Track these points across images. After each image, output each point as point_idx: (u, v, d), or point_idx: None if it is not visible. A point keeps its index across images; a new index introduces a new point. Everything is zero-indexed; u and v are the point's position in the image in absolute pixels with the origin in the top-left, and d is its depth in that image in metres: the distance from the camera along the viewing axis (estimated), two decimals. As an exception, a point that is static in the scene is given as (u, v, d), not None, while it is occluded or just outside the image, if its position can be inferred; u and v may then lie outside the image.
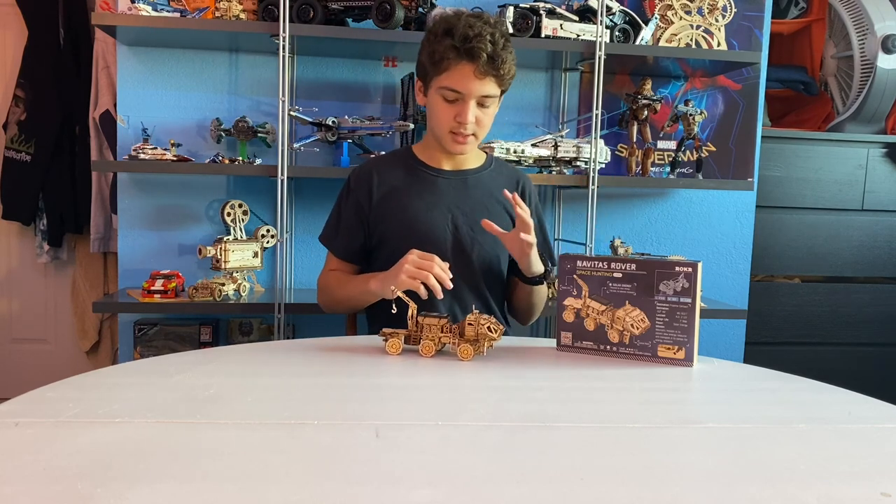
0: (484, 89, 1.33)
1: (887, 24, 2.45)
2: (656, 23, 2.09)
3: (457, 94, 1.33)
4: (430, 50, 1.33)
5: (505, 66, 1.32)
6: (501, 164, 1.59)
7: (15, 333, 2.89)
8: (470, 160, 1.50)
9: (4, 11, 2.73)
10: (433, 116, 1.40)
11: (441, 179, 1.47)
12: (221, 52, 2.08)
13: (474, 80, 1.31)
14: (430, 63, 1.34)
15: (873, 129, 2.56)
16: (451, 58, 1.30)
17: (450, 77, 1.32)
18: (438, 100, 1.36)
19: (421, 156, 1.49)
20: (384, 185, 1.46)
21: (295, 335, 2.13)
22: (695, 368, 1.06)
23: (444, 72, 1.32)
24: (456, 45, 1.29)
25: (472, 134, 1.38)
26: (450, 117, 1.36)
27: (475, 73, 1.31)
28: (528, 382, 0.97)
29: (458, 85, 1.32)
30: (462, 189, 1.47)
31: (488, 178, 1.50)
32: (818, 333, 2.58)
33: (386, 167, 1.49)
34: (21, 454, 0.65)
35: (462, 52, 1.29)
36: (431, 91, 1.37)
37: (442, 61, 1.31)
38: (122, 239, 2.09)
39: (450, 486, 0.61)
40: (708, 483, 0.63)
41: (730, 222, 2.37)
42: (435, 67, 1.33)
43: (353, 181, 1.48)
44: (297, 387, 0.91)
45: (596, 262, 1.12)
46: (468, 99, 1.33)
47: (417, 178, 1.47)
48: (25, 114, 2.64)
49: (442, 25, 1.33)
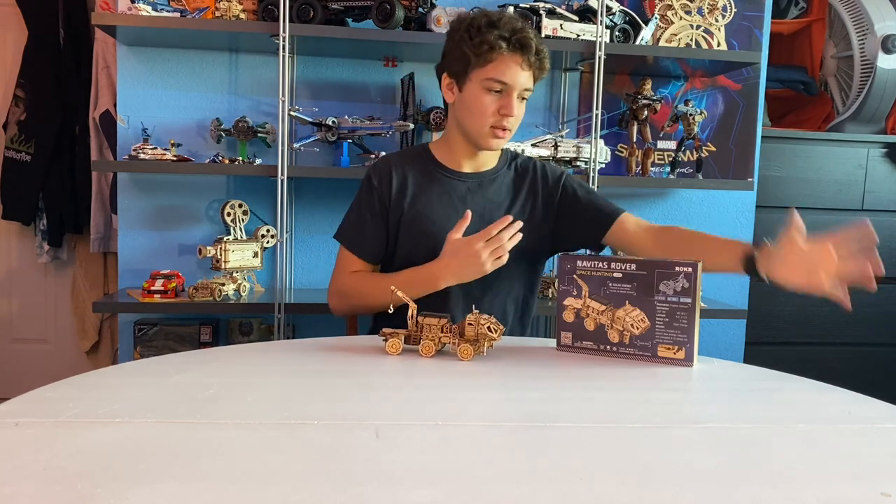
0: (528, 82, 1.34)
1: (887, 24, 2.45)
2: (656, 23, 2.09)
3: (503, 84, 1.32)
4: (478, 41, 1.31)
5: (546, 62, 1.36)
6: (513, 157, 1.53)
7: (15, 333, 2.89)
8: (488, 161, 1.47)
9: (4, 11, 2.73)
10: (472, 110, 1.36)
11: (460, 182, 1.44)
12: (221, 52, 2.08)
13: (521, 71, 1.32)
14: (475, 54, 1.32)
15: (873, 129, 2.56)
16: (501, 48, 1.30)
17: (497, 68, 1.31)
18: (481, 93, 1.34)
19: (440, 156, 1.46)
20: (402, 181, 1.43)
21: (295, 335, 2.13)
22: (695, 368, 1.06)
23: (491, 62, 1.31)
24: (506, 35, 1.30)
25: (510, 129, 1.38)
26: (493, 110, 1.34)
27: (522, 65, 1.31)
28: (528, 382, 0.97)
29: (505, 76, 1.31)
30: (481, 191, 1.45)
31: (506, 175, 1.48)
32: (818, 333, 2.58)
33: (404, 165, 1.45)
34: (21, 454, 0.65)
35: (513, 43, 1.30)
36: (472, 84, 1.35)
37: (492, 51, 1.30)
38: (122, 239, 2.10)
39: (450, 486, 0.60)
40: (708, 483, 0.63)
41: (730, 222, 2.37)
42: (481, 59, 1.32)
43: (374, 177, 1.44)
44: (297, 387, 0.91)
45: (596, 262, 1.12)
46: (513, 91, 1.33)
47: (435, 179, 1.44)
48: (25, 114, 2.64)
49: (483, 19, 1.33)
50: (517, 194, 1.47)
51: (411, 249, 1.41)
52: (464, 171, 1.46)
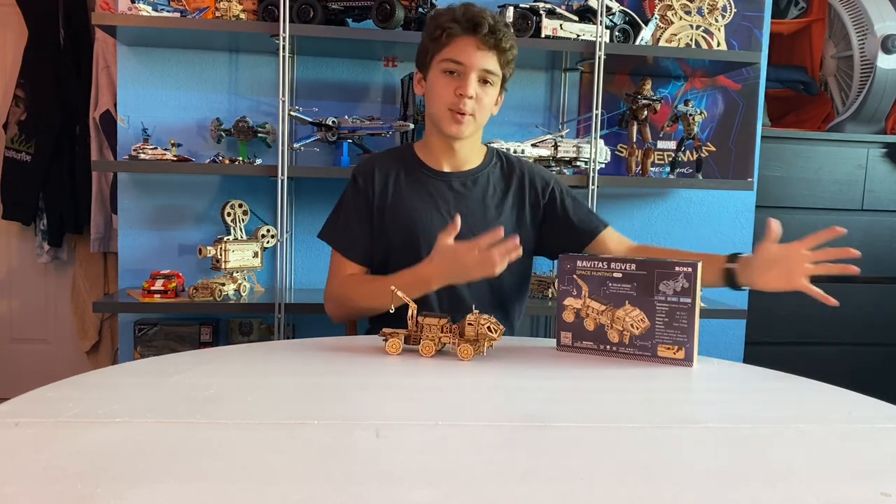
0: (486, 62, 1.33)
1: (887, 24, 2.45)
2: (656, 23, 2.09)
3: (458, 64, 1.32)
4: (431, 28, 1.34)
5: (507, 41, 1.33)
6: (503, 157, 1.52)
7: (15, 333, 2.89)
8: (470, 159, 1.46)
9: (4, 11, 2.73)
10: (433, 95, 1.37)
11: (441, 182, 1.44)
12: (221, 52, 2.08)
13: (476, 51, 1.31)
14: (430, 41, 1.35)
15: (873, 129, 2.56)
16: (453, 29, 1.31)
17: (451, 49, 1.32)
18: (438, 75, 1.35)
19: (422, 156, 1.47)
20: (385, 182, 1.43)
21: (295, 335, 2.13)
22: (695, 368, 1.06)
23: (445, 46, 1.33)
24: (457, 17, 1.31)
25: (472, 114, 1.35)
26: (450, 91, 1.33)
27: (477, 45, 1.31)
28: (528, 382, 0.97)
29: (459, 55, 1.32)
30: (463, 190, 1.44)
31: (490, 174, 1.47)
32: (818, 333, 2.58)
33: (387, 165, 1.46)
34: (21, 454, 0.65)
35: (464, 23, 1.31)
36: (432, 70, 1.36)
37: (443, 35, 1.32)
38: (122, 239, 2.10)
39: (450, 486, 0.60)
40: (708, 483, 0.63)
41: (730, 222, 2.37)
42: (436, 43, 1.34)
43: (359, 177, 1.45)
44: (297, 387, 0.91)
45: (596, 262, 1.12)
46: (469, 71, 1.32)
47: (417, 179, 1.44)
48: (25, 114, 2.64)
49: (442, 10, 1.36)
50: (503, 195, 1.46)
51: (394, 249, 1.41)
52: (444, 170, 1.45)
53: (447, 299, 1.38)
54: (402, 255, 1.37)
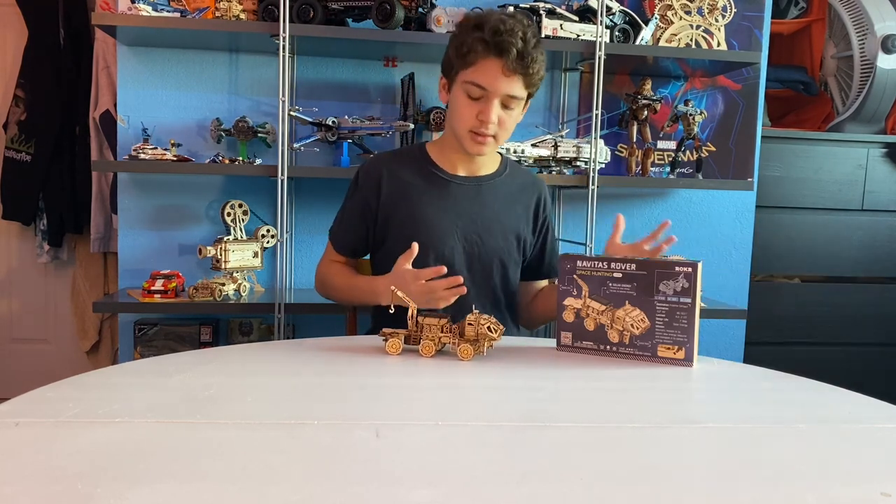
0: (510, 88, 1.28)
1: (887, 24, 2.45)
2: (656, 23, 2.09)
3: (482, 90, 1.28)
4: (459, 42, 1.29)
5: (535, 66, 1.28)
6: (516, 168, 1.53)
7: (15, 333, 2.89)
8: (485, 165, 1.46)
9: (4, 11, 2.73)
10: (455, 113, 1.35)
11: (454, 185, 1.43)
12: (221, 52, 2.08)
13: (501, 76, 1.27)
14: (456, 56, 1.30)
15: (873, 129, 2.56)
16: (479, 51, 1.26)
17: (476, 72, 1.28)
18: (462, 95, 1.31)
19: (435, 157, 1.45)
20: (394, 184, 1.42)
21: (295, 335, 2.13)
22: (695, 368, 1.06)
23: (471, 66, 1.28)
24: (485, 38, 1.25)
25: (493, 135, 1.33)
26: (472, 115, 1.31)
27: (503, 70, 1.26)
28: (528, 382, 0.97)
29: (483, 80, 1.27)
30: (475, 196, 1.43)
31: (502, 183, 1.47)
32: (818, 333, 2.58)
33: (397, 165, 1.44)
34: (21, 454, 0.65)
35: (491, 46, 1.25)
36: (456, 86, 1.32)
37: (469, 54, 1.27)
38: (122, 239, 2.10)
39: (450, 486, 0.61)
40: (708, 483, 0.63)
41: (730, 222, 2.37)
42: (461, 60, 1.29)
43: (362, 177, 1.44)
44: (297, 387, 0.91)
45: (596, 262, 1.12)
46: (493, 97, 1.29)
47: (429, 181, 1.42)
48: (25, 114, 2.64)
49: (473, 20, 1.29)
50: (514, 205, 1.46)
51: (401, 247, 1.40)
52: (459, 173, 1.44)
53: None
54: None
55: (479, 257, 1.41)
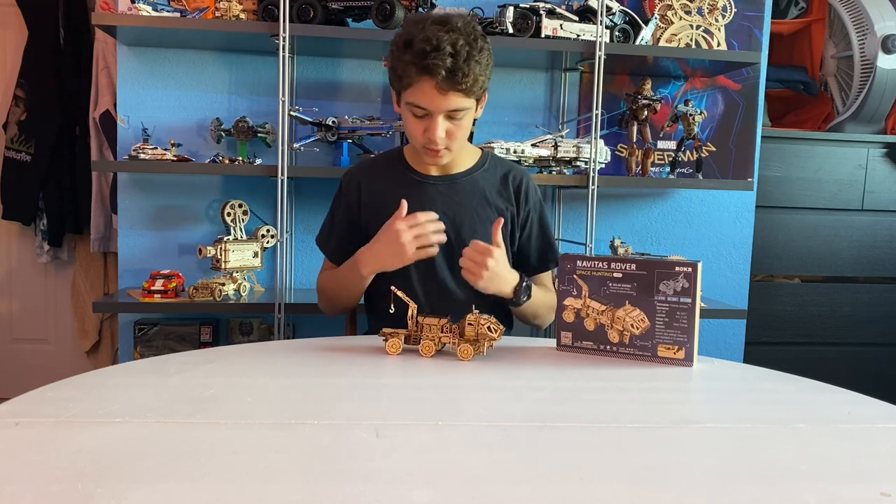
0: (449, 104, 1.26)
1: (887, 24, 2.45)
2: (656, 23, 2.09)
3: (423, 110, 1.27)
4: (393, 63, 1.28)
5: (468, 79, 1.23)
6: (497, 161, 1.52)
7: (15, 333, 2.89)
8: (461, 161, 1.45)
9: (4, 11, 2.73)
10: (406, 130, 1.36)
11: (429, 185, 1.43)
12: (221, 52, 2.08)
13: (437, 96, 1.24)
14: (394, 77, 1.30)
15: (873, 129, 2.56)
16: (412, 73, 1.24)
17: (413, 93, 1.26)
18: (408, 115, 1.31)
19: (410, 159, 1.46)
20: (371, 189, 1.44)
21: (295, 335, 2.13)
22: (695, 368, 1.06)
23: (408, 87, 1.27)
24: (414, 61, 1.22)
25: (446, 147, 1.33)
26: (420, 132, 1.31)
27: (437, 89, 1.24)
28: (528, 382, 0.97)
29: (422, 101, 1.26)
30: (451, 194, 1.43)
31: (480, 178, 1.45)
32: (818, 333, 2.58)
33: (373, 171, 1.47)
34: (21, 454, 0.65)
35: (420, 69, 1.22)
36: (402, 104, 1.32)
37: (403, 78, 1.26)
38: (122, 239, 2.10)
39: (450, 486, 0.61)
40: (708, 483, 0.63)
41: (730, 222, 2.37)
42: (399, 82, 1.28)
43: (344, 185, 1.47)
44: (297, 387, 0.92)
45: (596, 262, 1.12)
46: (435, 115, 1.27)
47: (405, 184, 1.43)
48: (25, 114, 2.64)
49: (403, 37, 1.26)
50: (494, 198, 1.44)
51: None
52: (432, 173, 1.44)
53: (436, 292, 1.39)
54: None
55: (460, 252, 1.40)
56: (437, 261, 1.39)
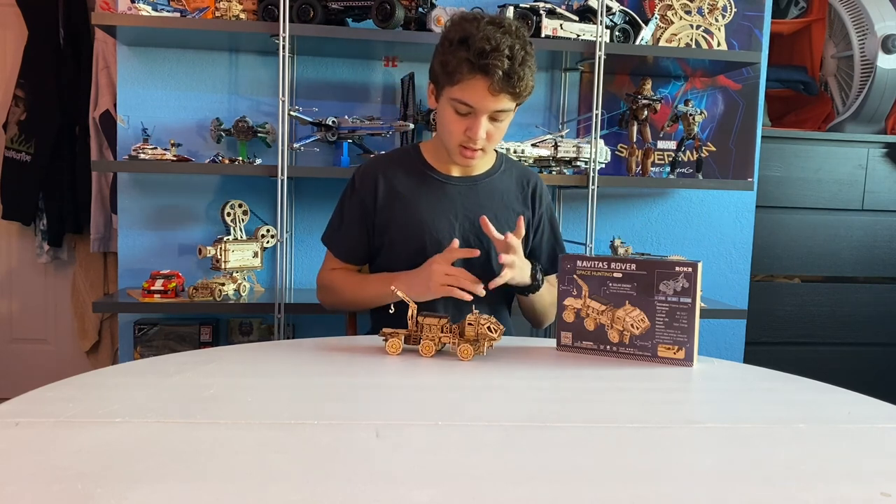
0: (498, 105, 1.27)
1: (887, 24, 2.45)
2: (656, 23, 2.09)
3: (469, 107, 1.27)
4: (444, 59, 1.26)
5: (522, 83, 1.25)
6: (511, 163, 1.53)
7: (15, 333, 2.89)
8: (480, 164, 1.45)
9: (4, 11, 2.73)
10: (443, 126, 1.35)
11: (450, 186, 1.42)
12: (221, 52, 2.08)
13: (488, 96, 1.25)
14: (442, 72, 1.27)
15: (873, 129, 2.56)
16: (465, 71, 1.23)
17: (462, 91, 1.26)
18: (449, 111, 1.30)
19: (430, 158, 1.45)
20: (390, 187, 1.41)
21: (295, 335, 2.13)
22: (695, 368, 1.06)
23: (457, 84, 1.25)
24: (471, 59, 1.21)
25: (482, 149, 1.34)
26: (460, 130, 1.30)
27: (489, 90, 1.24)
28: (528, 382, 0.97)
29: (471, 99, 1.26)
30: (471, 195, 1.42)
31: (498, 181, 1.46)
32: (818, 333, 2.58)
33: (392, 168, 1.44)
34: (21, 454, 0.65)
35: (477, 68, 1.22)
36: (443, 99, 1.31)
37: (455, 74, 1.24)
38: (122, 239, 2.10)
39: (450, 486, 0.61)
40: (708, 483, 0.63)
41: (730, 222, 2.37)
42: (448, 78, 1.26)
43: (358, 181, 1.44)
44: (297, 387, 0.91)
45: (596, 262, 1.12)
46: (480, 114, 1.28)
47: (425, 183, 1.42)
48: (25, 114, 2.64)
49: (458, 33, 1.24)
50: (512, 202, 1.45)
51: (400, 252, 1.40)
52: (454, 174, 1.44)
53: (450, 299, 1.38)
54: (408, 258, 1.37)
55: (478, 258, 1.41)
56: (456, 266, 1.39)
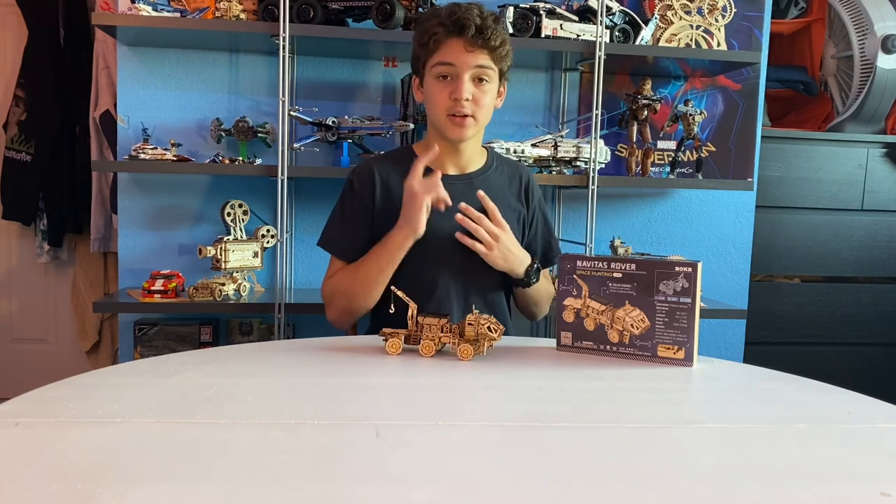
0: (476, 60, 1.32)
1: (887, 24, 2.45)
2: (656, 23, 2.09)
3: (450, 66, 1.32)
4: (419, 34, 1.35)
5: (496, 37, 1.32)
6: (503, 161, 1.54)
7: (15, 333, 2.89)
8: (473, 161, 1.46)
9: (4, 11, 2.73)
10: (430, 101, 1.38)
11: (445, 184, 1.40)
12: (221, 52, 2.08)
13: (465, 52, 1.31)
14: (420, 47, 1.35)
15: (873, 129, 2.56)
16: (440, 34, 1.31)
17: (441, 53, 1.32)
18: (433, 81, 1.35)
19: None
20: (386, 187, 1.42)
21: (295, 335, 2.13)
22: (695, 368, 1.06)
23: (435, 51, 1.33)
24: (443, 21, 1.31)
25: (472, 116, 1.35)
26: (445, 96, 1.34)
27: (465, 46, 1.30)
28: (528, 382, 0.97)
29: (449, 57, 1.32)
30: (466, 193, 1.42)
31: (492, 178, 1.47)
32: (818, 333, 2.58)
33: (388, 168, 1.44)
34: (21, 454, 0.65)
35: (450, 26, 1.30)
36: (427, 76, 1.37)
37: (431, 40, 1.32)
38: (122, 239, 2.10)
39: (450, 486, 0.60)
40: (708, 483, 0.63)
41: (730, 222, 2.37)
42: (425, 49, 1.34)
43: (357, 181, 1.44)
44: (297, 387, 0.91)
45: (596, 262, 1.12)
46: (462, 72, 1.32)
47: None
48: (25, 114, 2.64)
49: (428, 12, 1.38)
50: (507, 198, 1.46)
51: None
52: (449, 172, 1.44)
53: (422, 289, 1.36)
54: (407, 256, 1.36)
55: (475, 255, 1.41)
56: (454, 265, 1.39)
